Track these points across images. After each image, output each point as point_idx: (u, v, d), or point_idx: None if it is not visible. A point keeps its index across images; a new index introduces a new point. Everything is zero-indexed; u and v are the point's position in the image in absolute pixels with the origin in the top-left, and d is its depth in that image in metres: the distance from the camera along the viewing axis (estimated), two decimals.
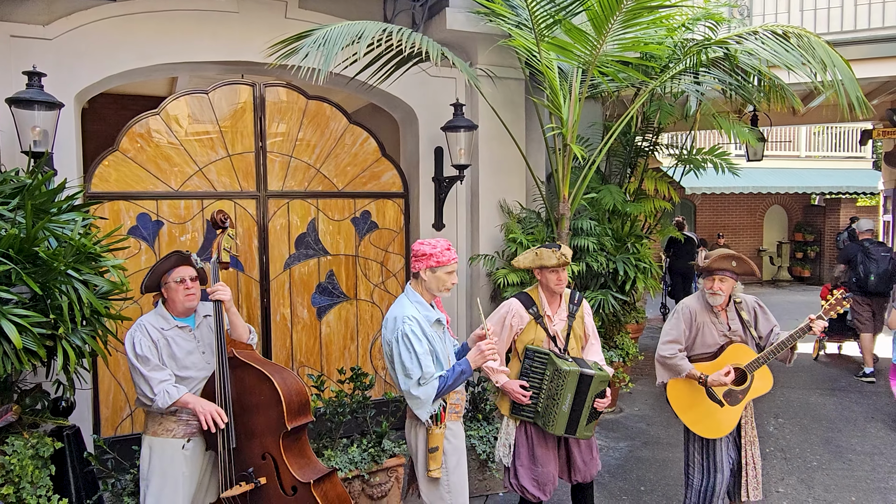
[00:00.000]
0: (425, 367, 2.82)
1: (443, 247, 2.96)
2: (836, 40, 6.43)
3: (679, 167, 6.52)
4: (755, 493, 3.63)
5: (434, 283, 2.96)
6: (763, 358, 3.49)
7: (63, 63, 4.21)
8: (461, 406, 3.04)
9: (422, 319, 2.92)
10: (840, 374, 7.48)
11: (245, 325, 3.25)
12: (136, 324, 3.04)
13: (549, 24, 4.42)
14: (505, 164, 5.50)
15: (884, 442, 5.38)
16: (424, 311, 2.96)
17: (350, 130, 5.24)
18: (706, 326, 3.61)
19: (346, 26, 4.02)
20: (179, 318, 3.09)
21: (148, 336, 2.98)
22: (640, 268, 5.41)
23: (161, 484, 2.96)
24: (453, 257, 2.96)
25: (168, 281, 3.04)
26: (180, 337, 3.05)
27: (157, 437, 3.00)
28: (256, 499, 2.97)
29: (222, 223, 3.15)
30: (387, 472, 4.08)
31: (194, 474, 3.04)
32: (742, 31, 4.72)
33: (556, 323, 3.48)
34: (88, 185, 4.41)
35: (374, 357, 5.45)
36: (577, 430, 3.36)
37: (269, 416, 2.95)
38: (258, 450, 2.97)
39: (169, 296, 3.06)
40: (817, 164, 16.80)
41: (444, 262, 2.93)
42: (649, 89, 5.03)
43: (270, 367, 3.04)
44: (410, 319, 2.88)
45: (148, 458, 3.00)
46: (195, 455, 3.04)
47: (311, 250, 5.15)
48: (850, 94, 4.34)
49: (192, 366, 3.06)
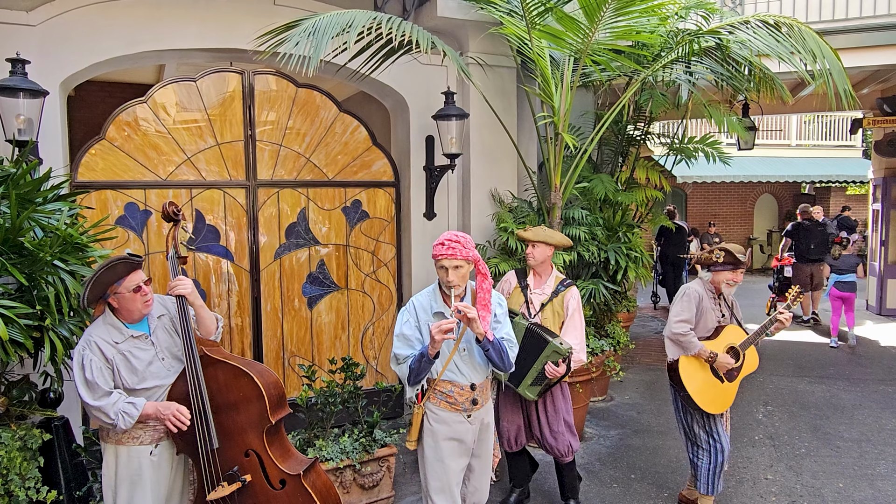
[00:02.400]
0: (395, 347, 2.97)
1: (439, 241, 2.88)
2: (826, 29, 6.44)
3: (670, 156, 6.52)
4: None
5: (441, 276, 2.91)
6: (752, 339, 3.85)
7: (48, 50, 4.14)
8: (456, 399, 3.01)
9: (418, 306, 2.99)
10: (828, 361, 7.55)
11: (211, 314, 3.05)
12: (83, 339, 2.73)
13: (540, 12, 4.39)
14: (496, 153, 5.47)
15: (871, 429, 5.44)
16: (431, 301, 2.99)
17: (340, 119, 5.19)
18: (708, 311, 3.89)
19: (336, 15, 3.98)
20: (133, 326, 2.81)
21: (101, 355, 2.70)
22: (632, 257, 5.41)
23: (131, 492, 2.79)
24: (441, 253, 2.84)
25: (119, 291, 2.71)
26: (136, 348, 2.79)
27: (123, 445, 2.79)
28: (244, 497, 2.88)
29: (175, 215, 2.98)
30: (378, 462, 4.09)
31: (162, 479, 2.87)
32: (734, 21, 4.71)
33: (535, 293, 3.88)
34: (75, 174, 4.35)
35: (366, 347, 5.44)
36: (520, 384, 3.66)
37: (250, 412, 2.86)
38: (241, 447, 2.87)
39: (122, 305, 2.75)
40: (808, 152, 16.87)
41: (435, 256, 2.88)
42: (641, 78, 5.01)
43: (243, 362, 2.91)
44: (410, 303, 3.01)
45: (114, 466, 2.80)
46: (162, 460, 2.86)
47: (301, 240, 5.12)
48: (838, 85, 4.36)
49: (153, 375, 2.83)
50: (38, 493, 3.02)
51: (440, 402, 3.02)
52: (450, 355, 2.98)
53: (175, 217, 2.99)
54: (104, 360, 2.71)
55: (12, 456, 2.97)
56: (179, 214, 3.01)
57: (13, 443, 3.02)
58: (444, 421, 3.03)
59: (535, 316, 3.82)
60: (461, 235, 2.89)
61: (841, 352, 8.01)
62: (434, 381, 3.01)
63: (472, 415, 3.04)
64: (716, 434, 3.81)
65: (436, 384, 3.02)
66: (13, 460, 2.97)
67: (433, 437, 3.04)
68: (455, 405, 3.01)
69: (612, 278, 5.44)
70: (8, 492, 2.94)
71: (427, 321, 2.95)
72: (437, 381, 3.01)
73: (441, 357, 2.96)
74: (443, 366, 2.98)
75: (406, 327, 2.98)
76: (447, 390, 3.01)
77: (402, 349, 2.97)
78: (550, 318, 3.80)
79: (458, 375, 3.01)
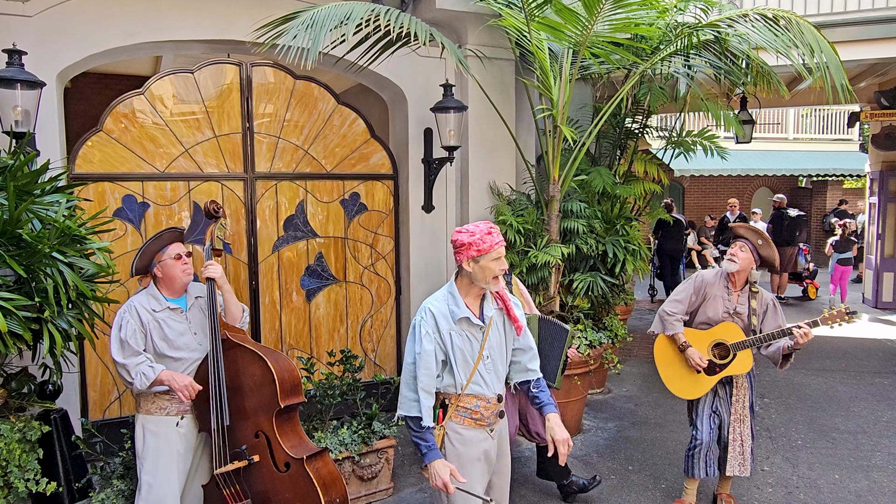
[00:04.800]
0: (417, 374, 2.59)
1: (482, 231, 2.57)
2: (825, 22, 6.43)
3: (668, 149, 6.52)
4: (740, 469, 3.79)
5: (480, 274, 2.58)
6: (749, 342, 3.63)
7: (44, 41, 4.12)
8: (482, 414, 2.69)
9: (438, 314, 2.63)
10: (824, 354, 7.58)
11: (238, 303, 3.28)
12: (126, 304, 3.02)
13: (539, 4, 4.38)
14: (495, 146, 5.47)
15: (866, 421, 5.47)
16: (451, 306, 2.64)
17: (338, 111, 5.18)
18: (715, 299, 3.75)
19: (334, 7, 3.96)
20: (171, 300, 3.08)
21: (138, 318, 2.96)
22: (630, 250, 5.42)
23: (156, 462, 2.99)
24: (497, 241, 2.57)
25: (163, 259, 3.03)
26: (172, 319, 3.05)
27: (151, 415, 3.01)
28: (250, 477, 3.01)
29: (215, 213, 3.25)
30: (377, 454, 4.10)
31: (188, 452, 3.08)
32: (733, 14, 4.70)
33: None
34: (72, 166, 4.34)
35: (364, 339, 5.44)
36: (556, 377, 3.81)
37: (262, 395, 3.01)
38: (251, 428, 3.02)
39: (165, 273, 3.04)
40: (805, 146, 16.89)
41: (486, 250, 2.55)
42: (640, 71, 5.00)
43: (263, 349, 3.09)
44: (426, 312, 2.64)
45: (142, 436, 3.01)
46: (189, 433, 3.08)
47: (299, 232, 5.12)
48: (835, 80, 4.36)
49: (185, 346, 3.08)
50: (38, 484, 3.03)
51: (464, 420, 2.67)
52: (474, 365, 2.66)
53: (216, 214, 3.25)
54: (140, 323, 2.96)
55: (11, 448, 2.98)
56: (220, 212, 3.26)
57: (12, 435, 3.03)
58: (468, 441, 2.67)
59: None
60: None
61: (837, 344, 8.05)
62: (457, 397, 2.66)
63: (494, 428, 2.75)
64: (696, 419, 3.85)
65: (459, 400, 2.66)
66: (12, 452, 2.98)
67: (459, 461, 2.63)
68: (480, 421, 2.68)
69: (609, 271, 5.45)
70: (7, 483, 2.95)
71: (450, 330, 2.61)
72: (461, 397, 2.66)
73: (464, 367, 2.64)
74: (467, 378, 2.65)
75: (427, 341, 2.59)
76: (473, 406, 2.67)
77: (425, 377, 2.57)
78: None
79: (484, 387, 2.67)
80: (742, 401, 3.79)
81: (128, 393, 4.54)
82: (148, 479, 2.98)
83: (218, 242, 3.25)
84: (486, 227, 2.61)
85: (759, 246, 3.68)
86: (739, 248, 3.69)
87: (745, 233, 3.74)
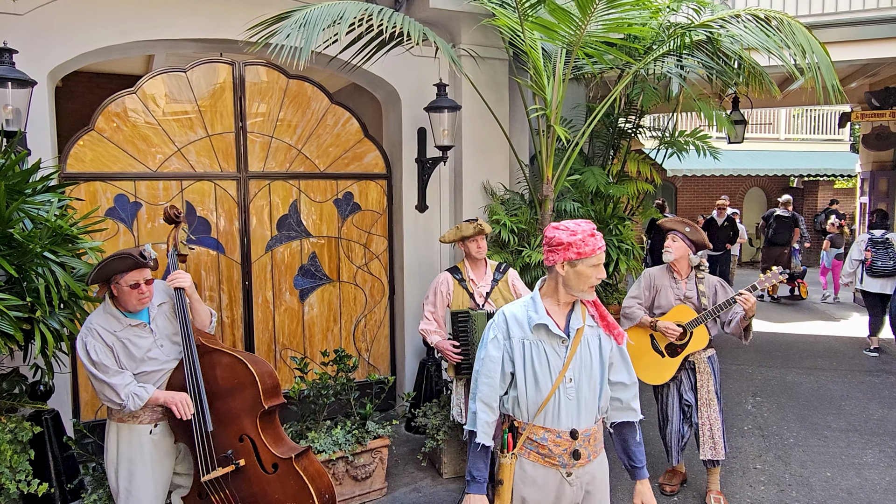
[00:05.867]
0: (478, 378, 2.33)
1: (585, 232, 2.26)
2: (816, 23, 6.47)
3: (661, 149, 6.55)
4: (712, 452, 3.98)
5: (574, 280, 2.27)
6: (700, 318, 3.91)
7: (35, 39, 4.09)
8: (551, 450, 2.29)
9: (512, 318, 2.33)
10: (815, 353, 7.63)
11: (206, 308, 3.20)
12: (84, 327, 2.86)
13: (532, 4, 4.38)
14: (488, 146, 5.47)
15: (858, 419, 5.51)
16: (529, 311, 2.33)
17: (332, 111, 5.17)
18: (664, 289, 4.05)
19: (327, 6, 3.95)
20: (132, 315, 2.93)
21: (101, 340, 2.83)
22: (623, 249, 5.44)
23: (131, 469, 2.92)
24: (599, 245, 2.27)
25: (120, 283, 2.84)
26: (136, 336, 2.92)
27: (124, 423, 2.93)
28: (238, 481, 2.98)
29: (176, 217, 3.17)
30: (371, 454, 4.10)
31: (163, 459, 3.01)
32: (725, 15, 4.72)
33: (481, 286, 3.98)
34: (63, 165, 4.31)
35: (358, 339, 5.44)
36: None
37: (244, 398, 2.98)
38: (235, 432, 2.99)
39: (120, 297, 2.87)
40: (796, 146, 16.98)
41: (586, 254, 2.24)
42: (633, 71, 5.01)
43: (239, 352, 3.06)
44: (499, 315, 2.37)
45: (115, 443, 2.94)
46: (162, 440, 3.00)
47: (293, 232, 5.11)
48: (826, 80, 4.39)
49: (153, 361, 2.96)
50: (30, 485, 3.02)
51: (530, 454, 2.31)
52: (552, 387, 2.27)
53: (176, 219, 3.17)
54: (105, 345, 2.84)
55: (3, 449, 2.96)
56: (180, 217, 3.18)
57: (3, 435, 3.01)
58: (533, 482, 2.31)
59: (485, 305, 3.94)
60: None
61: (828, 343, 8.10)
62: (525, 424, 2.30)
63: (572, 472, 2.30)
64: (663, 409, 4.16)
65: (527, 429, 2.30)
66: (4, 453, 2.96)
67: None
68: (549, 458, 2.29)
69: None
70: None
71: (524, 339, 2.30)
72: (529, 425, 2.29)
73: (534, 387, 2.28)
74: (539, 403, 2.27)
75: (493, 347, 2.32)
76: (540, 438, 2.29)
77: (485, 387, 2.30)
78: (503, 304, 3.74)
79: (557, 418, 2.28)
80: (706, 385, 4.01)
81: None
82: (125, 486, 2.92)
83: (183, 248, 3.18)
84: (588, 227, 2.30)
85: (688, 233, 3.99)
86: (671, 240, 4.03)
87: (673, 224, 4.06)
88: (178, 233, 3.18)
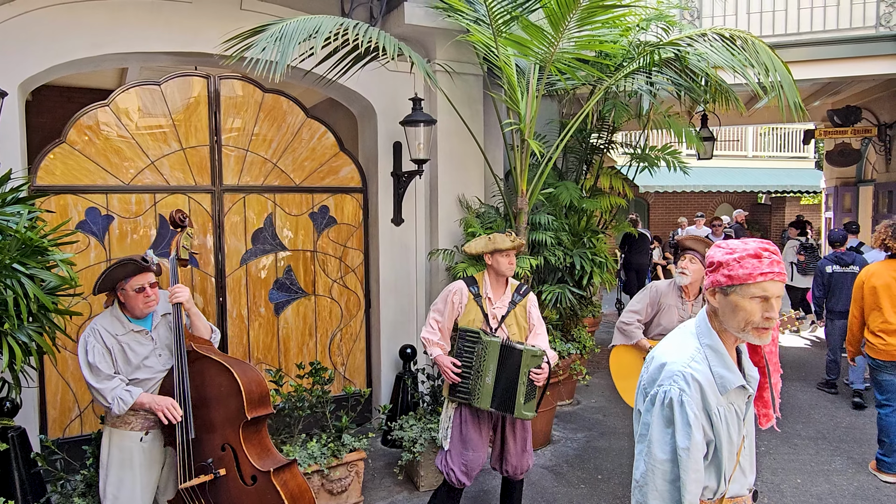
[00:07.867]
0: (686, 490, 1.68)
1: (745, 251, 1.71)
2: (779, 42, 6.69)
3: (633, 165, 6.67)
4: None
5: (729, 316, 1.73)
6: None
7: (7, 51, 4.05)
8: None
9: (706, 383, 1.72)
10: (784, 364, 7.77)
11: (207, 324, 3.23)
12: (90, 327, 2.97)
13: (506, 21, 4.47)
14: (464, 160, 5.53)
15: (826, 427, 5.62)
16: (719, 369, 1.75)
17: (308, 125, 5.19)
18: (669, 309, 3.83)
19: (303, 21, 3.98)
20: (136, 321, 3.03)
21: (102, 342, 2.93)
22: (597, 262, 5.51)
23: (120, 475, 2.97)
24: (766, 271, 1.68)
25: (125, 288, 2.96)
26: (136, 342, 3.01)
27: (117, 428, 3.01)
28: (216, 491, 2.96)
29: (181, 222, 3.22)
30: (347, 467, 4.06)
31: (153, 466, 3.05)
32: (692, 34, 4.86)
33: (497, 307, 3.54)
34: (34, 177, 4.25)
35: (333, 353, 5.41)
36: (515, 408, 3.36)
37: (228, 407, 2.98)
38: (218, 441, 2.98)
39: (127, 302, 2.99)
40: (763, 163, 17.42)
41: (741, 279, 1.69)
42: (604, 87, 5.13)
43: (229, 360, 3.06)
44: (685, 379, 1.71)
45: (108, 448, 3.01)
46: (153, 448, 3.05)
47: (268, 245, 5.08)
48: (789, 98, 4.53)
49: (148, 368, 3.04)
50: None
51: None
52: (738, 451, 1.82)
53: (182, 223, 3.22)
54: (105, 347, 2.93)
55: None
56: (186, 221, 3.22)
57: None
58: None
59: (498, 330, 3.49)
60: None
61: (797, 353, 8.27)
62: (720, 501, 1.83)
63: None
64: None
65: None
66: None
67: None
68: None
69: (577, 283, 5.53)
70: None
71: (718, 405, 1.74)
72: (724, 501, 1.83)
73: (730, 457, 1.79)
74: (731, 473, 1.81)
75: (697, 430, 1.69)
76: None
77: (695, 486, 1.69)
78: (518, 332, 3.52)
79: (743, 482, 1.87)
80: None
81: (90, 411, 4.43)
82: (113, 492, 2.96)
83: (184, 252, 3.21)
84: (756, 246, 1.72)
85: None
86: (689, 261, 3.77)
87: (693, 244, 3.82)
88: (182, 237, 3.21)
